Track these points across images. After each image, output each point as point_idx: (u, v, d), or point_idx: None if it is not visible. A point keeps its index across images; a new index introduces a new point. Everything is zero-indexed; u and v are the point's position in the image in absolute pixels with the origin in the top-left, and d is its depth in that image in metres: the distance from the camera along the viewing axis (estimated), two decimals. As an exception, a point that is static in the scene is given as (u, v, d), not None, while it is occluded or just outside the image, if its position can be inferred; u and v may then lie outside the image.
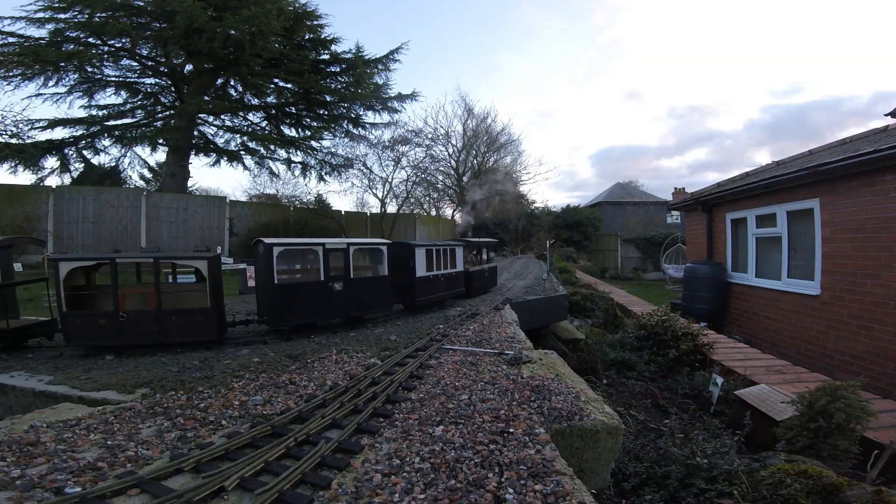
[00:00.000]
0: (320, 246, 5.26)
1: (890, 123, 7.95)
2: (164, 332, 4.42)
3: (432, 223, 25.79)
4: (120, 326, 4.29)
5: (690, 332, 6.78)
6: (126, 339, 4.35)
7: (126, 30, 16.37)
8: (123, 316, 4.30)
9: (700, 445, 3.38)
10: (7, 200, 14.25)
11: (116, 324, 4.27)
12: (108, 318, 4.26)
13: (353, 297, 5.51)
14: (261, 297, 5.13)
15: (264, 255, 4.81)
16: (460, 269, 7.93)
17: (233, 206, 18.63)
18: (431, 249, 6.89)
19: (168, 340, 4.47)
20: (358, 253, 5.93)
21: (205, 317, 4.51)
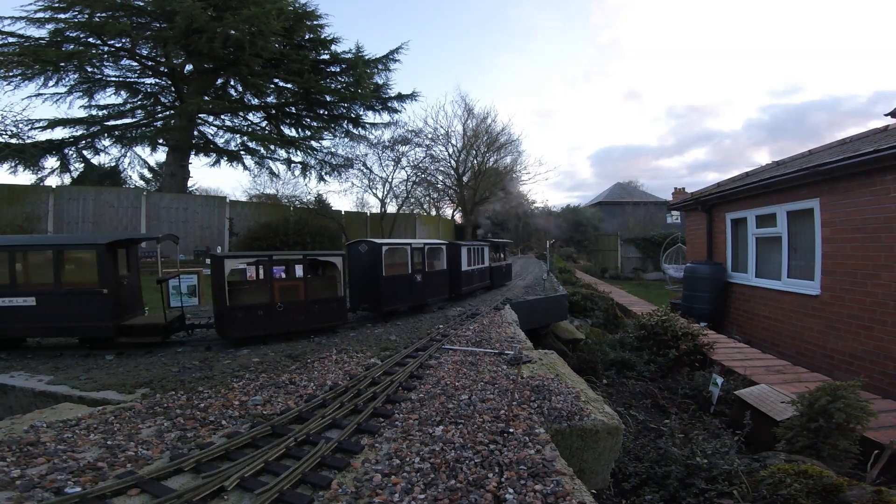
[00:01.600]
0: (408, 245, 6.33)
1: (890, 123, 7.95)
2: (310, 320, 5.03)
3: (432, 223, 25.77)
4: (276, 316, 4.79)
5: (690, 332, 6.78)
6: (281, 327, 4.85)
7: (126, 30, 16.38)
8: (280, 307, 4.80)
9: (700, 445, 3.38)
10: (7, 200, 14.24)
11: (273, 314, 4.78)
12: (266, 309, 4.72)
13: (427, 286, 6.61)
14: (364, 288, 5.87)
15: (372, 253, 5.81)
16: (487, 265, 9.10)
17: (233, 206, 18.63)
18: (470, 248, 8.12)
19: (311, 327, 5.06)
20: (429, 251, 6.87)
21: (338, 305, 5.27)
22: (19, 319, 4.13)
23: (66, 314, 4.22)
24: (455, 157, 25.82)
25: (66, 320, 4.24)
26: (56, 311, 4.20)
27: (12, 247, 4.18)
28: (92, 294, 4.24)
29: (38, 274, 4.32)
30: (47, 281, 4.25)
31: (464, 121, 25.27)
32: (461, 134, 25.50)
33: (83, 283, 4.35)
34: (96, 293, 4.25)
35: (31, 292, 4.14)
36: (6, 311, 4.11)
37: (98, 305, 4.26)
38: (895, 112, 9.00)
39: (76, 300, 4.22)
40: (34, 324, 4.20)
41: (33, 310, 4.14)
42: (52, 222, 15.01)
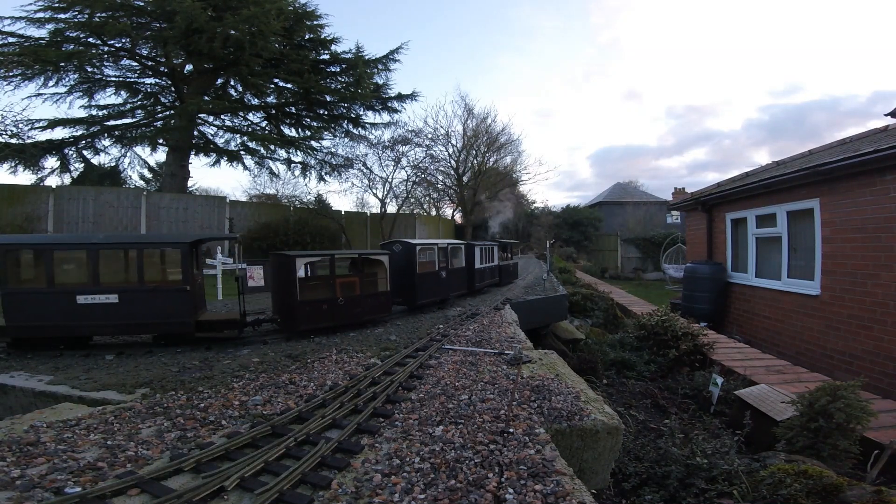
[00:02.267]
0: (436, 245, 6.95)
1: (890, 123, 7.95)
2: (363, 312, 5.45)
3: (432, 223, 25.77)
4: (338, 310, 5.12)
5: (690, 332, 6.77)
6: (340, 320, 5.20)
7: (126, 30, 16.37)
8: (341, 301, 5.15)
9: (700, 445, 3.38)
10: (7, 200, 14.24)
11: (336, 308, 5.10)
12: (329, 303, 5.06)
13: (450, 282, 7.17)
14: (399, 284, 6.27)
15: (407, 252, 6.33)
16: (497, 263, 9.68)
17: (233, 206, 18.64)
18: (482, 247, 8.79)
19: (364, 319, 5.48)
20: (451, 250, 7.45)
21: (385, 298, 5.75)
22: (101, 317, 4.17)
23: (149, 311, 4.31)
24: (455, 157, 25.82)
25: (148, 317, 4.33)
26: (138, 308, 4.27)
27: (96, 245, 4.20)
28: (175, 291, 4.36)
29: (120, 272, 4.40)
30: (131, 279, 4.32)
31: (464, 121, 25.28)
32: (461, 134, 25.51)
33: (166, 280, 4.45)
34: (180, 290, 4.37)
35: (113, 290, 4.18)
36: (88, 309, 4.13)
37: (180, 302, 4.38)
38: (895, 112, 9.00)
39: (159, 297, 4.32)
40: (116, 321, 4.25)
41: (115, 307, 4.19)
42: (52, 222, 15.01)
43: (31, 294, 4.08)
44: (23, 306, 4.01)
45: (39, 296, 4.05)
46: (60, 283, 4.14)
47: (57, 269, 4.12)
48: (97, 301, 4.11)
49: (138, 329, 4.45)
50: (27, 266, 4.23)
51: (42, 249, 4.12)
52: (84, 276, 4.16)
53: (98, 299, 4.13)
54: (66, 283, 4.19)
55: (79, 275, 4.22)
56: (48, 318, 4.08)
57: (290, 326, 4.90)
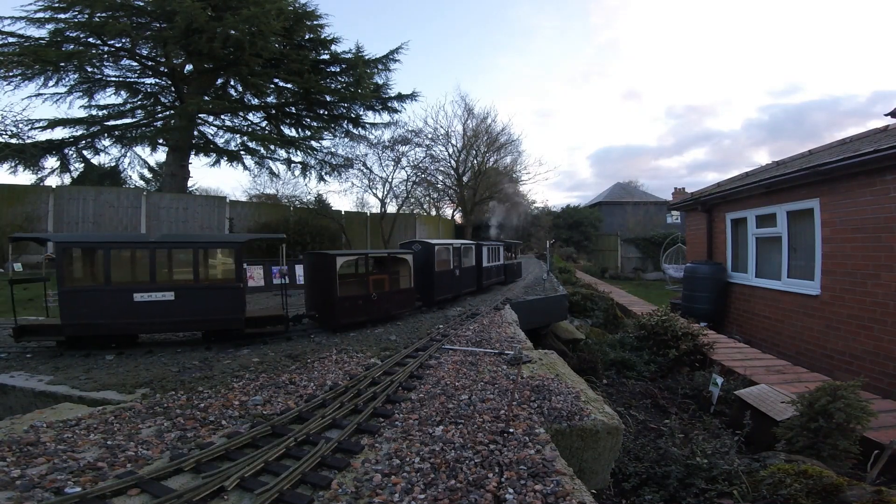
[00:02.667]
0: (451, 245, 7.44)
1: (890, 123, 7.94)
2: (391, 307, 5.77)
3: (432, 223, 25.77)
4: (372, 304, 5.44)
5: (690, 332, 6.77)
6: (373, 314, 5.51)
7: (126, 30, 16.37)
8: (374, 296, 5.47)
9: (700, 445, 3.38)
10: (7, 200, 14.24)
11: (370, 303, 5.41)
12: (364, 299, 5.37)
13: (462, 279, 7.64)
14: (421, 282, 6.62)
15: (426, 252, 6.75)
16: (502, 262, 10.12)
17: (233, 206, 18.63)
18: (489, 247, 9.29)
19: (392, 313, 5.82)
20: (464, 250, 7.91)
21: (410, 294, 6.20)
22: (158, 315, 4.25)
23: (203, 309, 4.42)
24: (455, 157, 25.82)
25: (203, 314, 4.44)
26: (193, 305, 4.37)
27: (153, 244, 4.28)
28: (229, 289, 4.50)
29: (177, 270, 4.49)
30: (187, 277, 4.41)
31: (464, 121, 25.28)
32: (461, 134, 25.50)
33: (220, 278, 4.62)
34: (233, 288, 4.50)
35: (170, 288, 4.26)
36: (146, 307, 4.19)
37: (233, 299, 4.52)
38: (895, 112, 9.00)
39: (213, 295, 4.45)
40: (171, 318, 4.33)
41: (171, 305, 4.26)
42: (52, 222, 15.01)
43: (89, 292, 4.13)
44: (80, 304, 4.05)
45: (97, 294, 4.10)
46: (117, 281, 4.22)
47: (114, 267, 4.20)
48: (154, 299, 4.20)
49: (192, 326, 4.55)
50: (85, 265, 4.30)
51: (100, 248, 4.20)
52: (141, 274, 4.28)
53: (155, 297, 4.21)
54: (124, 282, 4.27)
55: (136, 273, 4.36)
56: (105, 315, 4.13)
57: (330, 320, 5.12)
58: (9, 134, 16.67)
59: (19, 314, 8.06)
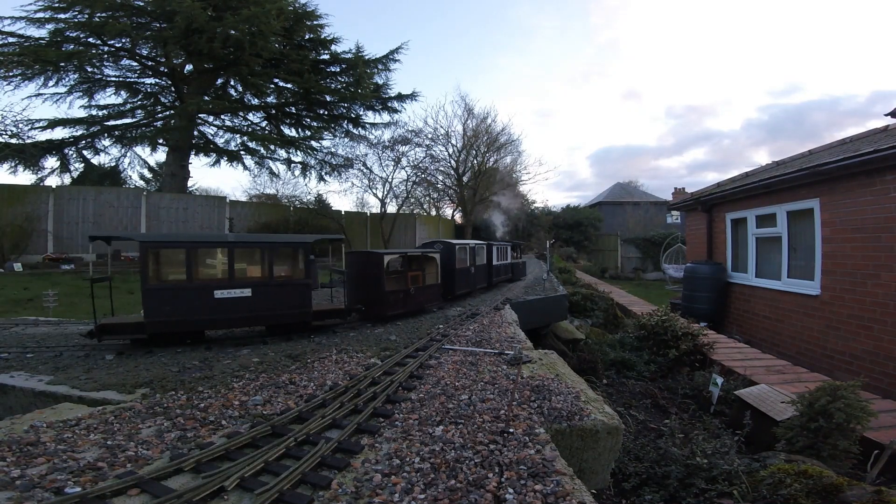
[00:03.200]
0: (467, 245, 8.08)
1: (890, 123, 7.94)
2: (423, 301, 6.34)
3: (432, 223, 25.77)
4: (409, 298, 5.97)
5: (690, 332, 6.77)
6: (410, 307, 6.02)
7: (126, 30, 16.38)
8: (412, 291, 6.01)
9: (700, 445, 3.38)
10: (7, 200, 14.24)
11: (408, 296, 5.96)
12: (404, 293, 5.92)
13: (477, 276, 8.40)
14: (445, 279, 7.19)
15: (448, 252, 7.31)
16: (509, 261, 10.69)
17: (233, 206, 18.64)
18: (498, 247, 9.91)
19: (424, 306, 6.43)
20: (477, 249, 8.58)
21: (438, 289, 6.79)
22: (236, 310, 4.47)
23: (277, 304, 4.73)
24: (455, 157, 25.79)
25: (276, 309, 4.75)
26: (268, 301, 4.68)
27: (232, 244, 4.53)
28: (300, 285, 4.83)
29: (253, 268, 4.74)
30: (262, 274, 4.68)
31: (464, 121, 25.24)
32: (461, 134, 25.46)
33: (291, 275, 4.88)
34: (304, 284, 4.85)
35: (247, 284, 4.52)
36: (226, 303, 4.40)
37: (303, 294, 4.85)
38: (895, 112, 9.00)
39: (286, 291, 4.77)
40: (248, 313, 4.58)
41: (248, 300, 4.52)
42: (52, 222, 15.01)
43: (172, 290, 4.28)
44: (164, 302, 4.19)
45: (180, 291, 4.26)
46: (199, 279, 4.36)
47: (196, 266, 4.36)
48: (233, 295, 4.44)
49: (267, 320, 4.81)
50: (168, 263, 4.48)
51: (182, 248, 4.35)
52: (221, 272, 4.50)
53: (234, 293, 4.45)
54: (205, 279, 4.44)
55: (216, 271, 4.58)
56: (188, 312, 4.29)
57: (378, 313, 5.64)
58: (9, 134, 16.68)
59: (19, 314, 8.09)
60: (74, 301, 10.27)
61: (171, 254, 4.46)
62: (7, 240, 13.57)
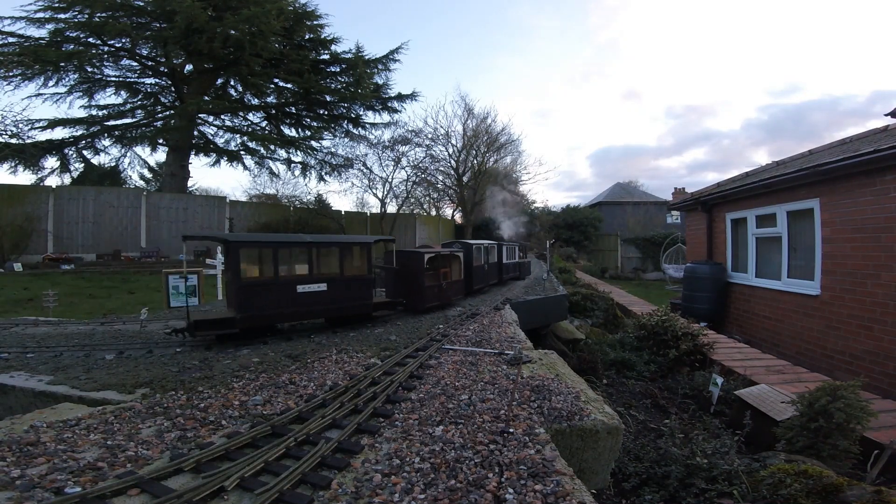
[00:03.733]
0: (483, 245, 8.71)
1: (890, 123, 7.95)
2: (450, 294, 6.95)
3: (432, 223, 25.77)
4: (442, 292, 6.61)
5: (690, 332, 6.77)
6: (442, 300, 6.70)
7: (126, 30, 16.39)
8: (444, 285, 6.65)
9: (700, 445, 3.38)
10: (7, 200, 14.24)
11: (441, 290, 6.60)
12: (438, 287, 6.52)
13: (489, 273, 9.02)
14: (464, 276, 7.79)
15: (467, 251, 7.89)
16: (517, 260, 11.28)
17: (233, 206, 18.64)
18: (508, 246, 10.65)
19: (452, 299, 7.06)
20: (490, 248, 9.22)
21: (461, 284, 7.45)
22: (314, 303, 4.95)
23: (346, 296, 5.24)
24: (455, 157, 25.81)
25: (345, 301, 5.25)
26: (340, 294, 5.16)
27: (310, 244, 4.99)
28: (365, 280, 5.42)
29: (326, 265, 5.20)
30: (335, 270, 5.15)
31: (464, 121, 25.26)
32: (461, 134, 25.48)
33: (357, 271, 5.42)
34: (368, 279, 5.45)
35: (323, 280, 5.00)
36: (306, 297, 4.87)
37: (367, 288, 5.44)
38: (895, 112, 9.00)
39: (354, 285, 5.31)
40: (324, 306, 5.05)
41: (324, 294, 5.01)
42: (52, 222, 15.01)
43: (262, 286, 4.59)
44: (254, 297, 4.53)
45: (269, 287, 4.61)
46: (283, 276, 4.76)
47: (281, 263, 4.73)
48: (312, 290, 4.91)
49: (338, 311, 5.28)
50: (257, 262, 4.79)
51: (269, 247, 4.70)
52: (301, 269, 4.95)
53: (313, 288, 4.92)
54: (289, 276, 4.83)
55: (296, 268, 5.01)
56: (275, 306, 4.66)
57: (418, 305, 6.27)
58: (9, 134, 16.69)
59: (19, 314, 8.08)
60: (74, 301, 10.27)
61: (261, 253, 4.77)
62: (7, 240, 13.58)
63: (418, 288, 6.21)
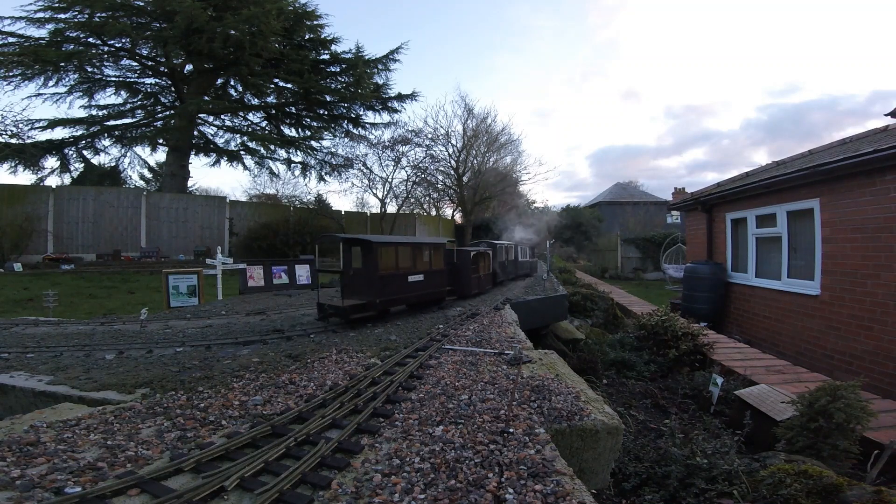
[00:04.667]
0: (503, 244, 10.17)
1: (890, 123, 7.95)
2: (484, 284, 8.29)
3: (432, 223, 25.78)
4: (479, 282, 8.01)
5: (690, 332, 6.77)
6: (480, 289, 8.02)
7: (126, 30, 16.39)
8: (481, 276, 8.06)
9: (700, 445, 3.38)
10: (7, 200, 14.24)
11: (479, 280, 7.97)
12: (478, 278, 7.92)
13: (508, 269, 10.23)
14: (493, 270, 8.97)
15: (493, 249, 8.97)
16: (528, 259, 12.58)
17: (233, 206, 18.63)
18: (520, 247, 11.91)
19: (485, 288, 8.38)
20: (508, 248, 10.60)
21: (490, 277, 8.75)
22: (416, 289, 6.20)
23: (432, 285, 6.54)
24: (455, 157, 25.77)
25: (432, 287, 6.55)
26: (430, 283, 6.47)
27: (413, 244, 6.23)
28: (442, 272, 6.81)
29: (421, 261, 6.37)
30: (427, 265, 6.44)
31: (464, 121, 25.22)
32: (461, 134, 25.44)
33: (437, 266, 6.73)
34: (443, 271, 6.84)
35: (421, 272, 6.27)
36: (413, 284, 6.12)
37: (443, 278, 6.84)
38: (895, 112, 9.00)
39: (436, 275, 6.64)
40: (422, 291, 6.31)
41: (422, 282, 6.28)
42: (52, 222, 15.01)
43: (391, 276, 5.80)
44: (385, 285, 5.66)
45: (394, 278, 5.83)
46: (401, 267, 5.96)
47: (400, 260, 5.94)
48: (415, 279, 6.18)
49: (428, 296, 6.53)
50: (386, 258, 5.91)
51: (393, 246, 5.91)
52: (409, 263, 6.10)
53: (416, 278, 6.17)
54: (403, 268, 5.99)
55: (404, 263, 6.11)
56: (396, 292, 5.88)
57: (465, 293, 7.54)
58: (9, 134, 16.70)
59: (19, 314, 8.08)
60: (74, 301, 10.27)
61: (388, 251, 5.81)
62: (7, 240, 13.58)
63: (466, 279, 7.59)
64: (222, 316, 6.28)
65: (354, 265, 5.82)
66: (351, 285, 5.76)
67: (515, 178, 27.58)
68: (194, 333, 5.19)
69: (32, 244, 14.32)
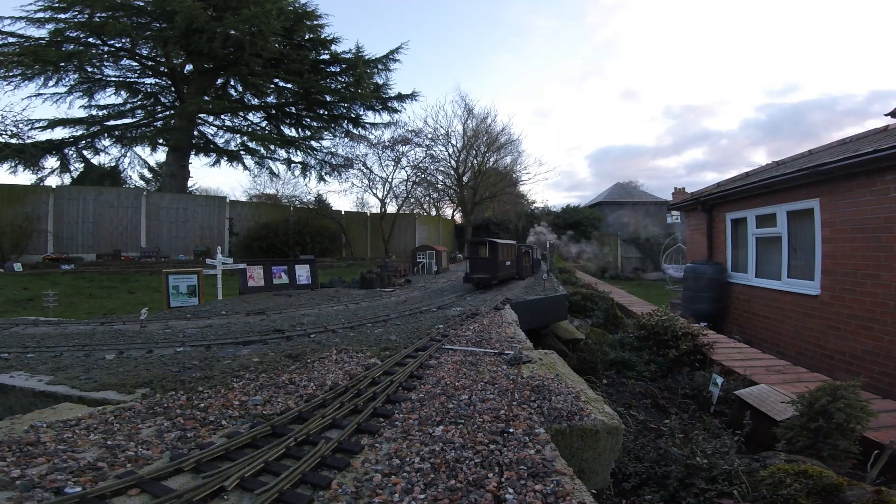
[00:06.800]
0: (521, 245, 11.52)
1: (890, 123, 7.95)
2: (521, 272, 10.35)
3: (432, 223, 25.78)
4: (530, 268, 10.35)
5: (690, 332, 6.77)
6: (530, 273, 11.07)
7: (126, 30, 16.40)
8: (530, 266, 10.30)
9: (700, 445, 3.38)
10: (7, 200, 14.24)
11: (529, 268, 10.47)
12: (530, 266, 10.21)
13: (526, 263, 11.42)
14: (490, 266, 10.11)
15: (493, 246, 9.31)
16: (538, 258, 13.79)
17: (233, 206, 18.63)
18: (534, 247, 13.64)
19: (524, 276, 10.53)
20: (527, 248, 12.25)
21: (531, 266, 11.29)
22: (505, 270, 8.73)
23: (514, 268, 9.40)
24: (455, 157, 25.79)
25: (511, 270, 9.24)
26: (513, 267, 9.22)
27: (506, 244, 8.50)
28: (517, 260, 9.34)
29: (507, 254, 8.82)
30: (508, 256, 8.72)
31: (464, 121, 25.24)
32: (461, 134, 25.46)
33: (512, 257, 9.18)
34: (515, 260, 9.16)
35: (508, 260, 8.86)
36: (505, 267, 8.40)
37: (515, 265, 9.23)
38: (895, 112, 9.00)
39: (513, 263, 8.90)
40: (506, 272, 8.80)
41: (510, 266, 8.99)
42: (52, 222, 15.01)
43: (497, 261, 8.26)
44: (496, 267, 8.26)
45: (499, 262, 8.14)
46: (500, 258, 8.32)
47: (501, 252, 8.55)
48: (506, 264, 8.57)
49: (511, 276, 9.45)
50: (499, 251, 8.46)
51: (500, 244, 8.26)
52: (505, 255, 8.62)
53: (507, 263, 8.76)
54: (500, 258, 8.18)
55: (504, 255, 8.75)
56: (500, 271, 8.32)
57: (522, 275, 10.27)
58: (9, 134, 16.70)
59: (19, 314, 8.09)
60: (74, 301, 10.27)
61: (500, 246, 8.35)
62: (7, 240, 13.57)
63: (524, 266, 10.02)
64: (222, 316, 6.28)
65: (481, 255, 8.39)
66: (477, 267, 8.31)
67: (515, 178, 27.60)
68: (194, 333, 5.18)
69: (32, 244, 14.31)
